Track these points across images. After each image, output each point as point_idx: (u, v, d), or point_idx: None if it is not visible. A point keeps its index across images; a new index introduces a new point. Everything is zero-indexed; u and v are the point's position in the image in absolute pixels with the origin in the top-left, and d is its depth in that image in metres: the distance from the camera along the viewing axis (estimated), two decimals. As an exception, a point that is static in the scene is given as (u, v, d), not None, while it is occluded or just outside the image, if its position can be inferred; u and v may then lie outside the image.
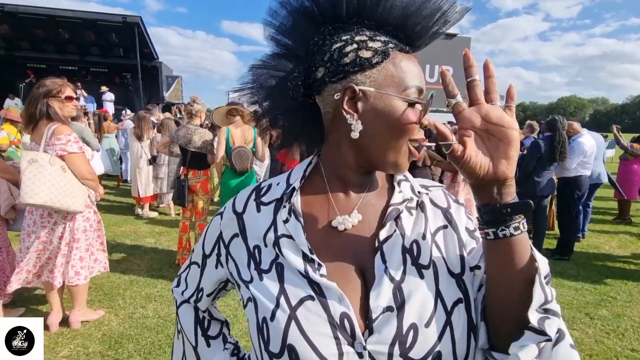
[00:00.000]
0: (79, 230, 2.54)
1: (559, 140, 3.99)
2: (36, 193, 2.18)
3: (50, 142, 2.32)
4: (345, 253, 0.60)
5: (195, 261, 0.75)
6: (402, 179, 0.67)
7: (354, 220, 0.61)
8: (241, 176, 3.59)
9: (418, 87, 0.57)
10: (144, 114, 5.64)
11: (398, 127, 0.56)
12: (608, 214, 7.11)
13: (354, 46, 0.56)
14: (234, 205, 0.68)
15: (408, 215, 0.62)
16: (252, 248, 0.63)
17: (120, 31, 12.93)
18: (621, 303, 3.42)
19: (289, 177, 0.66)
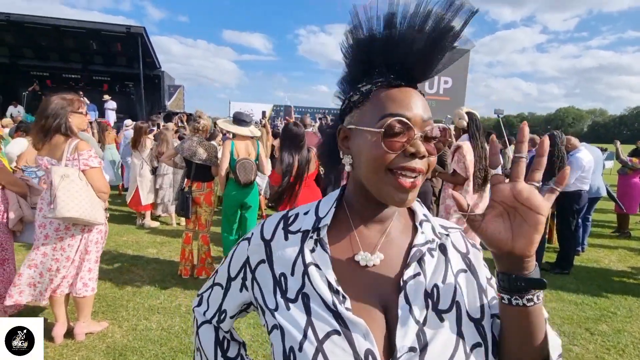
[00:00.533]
0: (92, 242, 2.58)
1: (558, 156, 4.05)
2: (72, 207, 2.27)
3: (72, 157, 2.39)
4: (368, 289, 0.61)
5: (219, 282, 0.77)
6: (423, 219, 0.69)
7: (376, 260, 0.62)
8: (244, 188, 3.64)
9: (398, 115, 0.55)
10: (140, 124, 5.72)
11: (370, 158, 0.57)
12: (607, 227, 7.15)
13: (352, 93, 0.64)
14: (262, 232, 0.70)
15: (430, 258, 0.64)
16: (278, 275, 0.65)
17: (123, 41, 13.11)
18: (621, 318, 3.44)
19: (317, 208, 0.68)
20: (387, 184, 0.57)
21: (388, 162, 0.56)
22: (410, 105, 0.57)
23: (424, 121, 0.57)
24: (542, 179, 2.25)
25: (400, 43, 0.58)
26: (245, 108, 16.59)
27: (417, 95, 0.59)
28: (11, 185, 2.63)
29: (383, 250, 0.64)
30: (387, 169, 0.56)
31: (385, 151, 0.55)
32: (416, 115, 0.57)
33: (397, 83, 0.59)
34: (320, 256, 0.62)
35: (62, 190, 2.27)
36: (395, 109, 0.56)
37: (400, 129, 0.55)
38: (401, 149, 0.56)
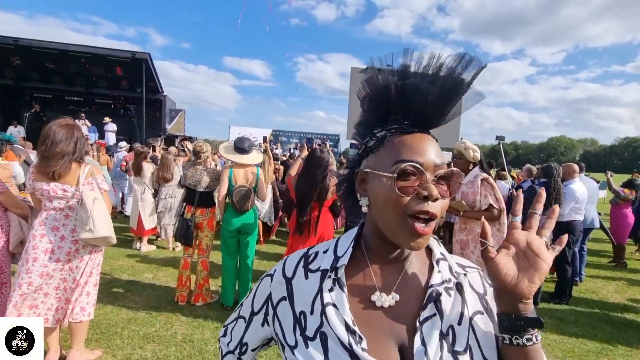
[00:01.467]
0: (96, 264, 2.60)
1: (554, 187, 4.14)
2: (106, 227, 2.42)
3: (87, 181, 2.47)
4: (384, 329, 0.62)
5: (243, 316, 0.80)
6: (440, 257, 0.70)
7: (391, 301, 0.64)
8: (242, 214, 3.66)
9: (411, 160, 0.59)
10: (141, 150, 5.78)
11: (385, 201, 0.60)
12: (604, 257, 7.17)
13: (368, 138, 0.68)
14: (284, 270, 0.73)
15: (447, 297, 0.65)
16: (298, 313, 0.67)
17: (128, 66, 13.43)
18: (622, 352, 3.41)
19: (336, 247, 0.71)
20: (402, 228, 0.59)
21: (403, 205, 0.59)
22: (423, 151, 0.60)
23: (436, 166, 0.60)
24: None
25: (415, 93, 0.63)
26: (244, 133, 16.83)
27: (430, 141, 0.62)
28: (15, 207, 2.64)
29: (399, 290, 0.66)
30: (402, 212, 0.59)
31: (399, 195, 0.59)
32: (428, 161, 0.60)
33: (411, 130, 0.63)
34: (337, 296, 0.64)
35: (96, 211, 2.38)
36: (408, 155, 0.60)
37: (413, 173, 0.59)
38: (414, 193, 0.59)
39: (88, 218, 2.34)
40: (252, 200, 3.59)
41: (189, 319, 3.48)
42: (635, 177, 7.89)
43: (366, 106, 0.69)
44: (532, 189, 4.32)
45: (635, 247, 7.80)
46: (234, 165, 3.69)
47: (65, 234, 2.43)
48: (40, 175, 2.40)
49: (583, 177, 5.01)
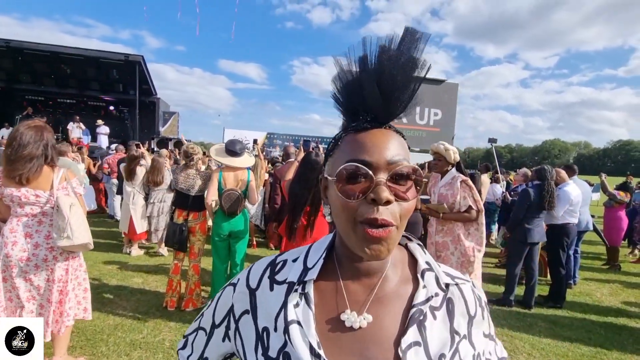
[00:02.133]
0: (79, 270, 2.53)
1: (548, 190, 4.12)
2: (84, 234, 2.35)
3: (61, 186, 2.36)
4: (354, 353, 0.55)
5: (203, 327, 0.73)
6: (425, 268, 0.63)
7: (363, 322, 0.56)
8: (232, 218, 3.60)
9: (357, 160, 0.52)
10: (135, 154, 5.69)
11: (335, 208, 0.55)
12: (597, 260, 7.18)
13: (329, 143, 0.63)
14: (248, 279, 0.66)
15: (432, 320, 0.57)
16: (261, 330, 0.60)
17: (121, 68, 13.34)
18: (616, 355, 3.38)
19: (306, 257, 0.64)
20: (356, 235, 0.53)
21: (353, 211, 0.52)
22: (374, 148, 0.53)
23: (390, 164, 0.52)
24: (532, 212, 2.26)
25: (366, 84, 0.55)
26: (239, 135, 16.74)
27: (386, 136, 0.55)
28: None
29: (373, 310, 0.58)
30: (355, 220, 0.52)
31: (344, 200, 0.52)
32: (379, 158, 0.52)
33: (364, 126, 0.56)
34: (303, 313, 0.57)
35: (73, 217, 2.29)
36: (356, 154, 0.53)
37: (360, 174, 0.52)
38: (362, 197, 0.52)
39: (66, 225, 2.24)
40: (241, 204, 3.52)
41: (178, 325, 3.40)
42: (629, 180, 7.95)
43: (339, 108, 0.62)
44: (526, 192, 4.30)
45: (628, 249, 7.83)
46: (224, 168, 3.63)
47: (39, 240, 2.32)
48: (8, 180, 2.25)
49: (577, 180, 5.01)
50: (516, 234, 4.33)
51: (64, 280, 2.46)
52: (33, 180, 2.27)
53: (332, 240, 0.66)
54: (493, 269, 6.01)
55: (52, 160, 2.35)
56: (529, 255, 4.34)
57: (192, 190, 3.67)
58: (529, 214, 4.20)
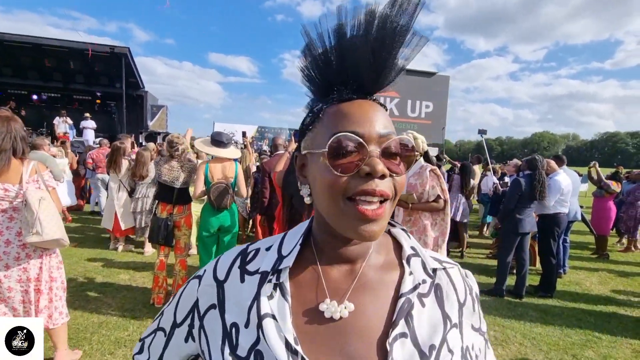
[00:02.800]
0: (54, 267, 2.43)
1: (539, 180, 4.10)
2: (56, 229, 2.23)
3: (32, 179, 2.25)
4: (334, 347, 0.50)
5: (162, 327, 0.65)
6: (411, 253, 0.59)
7: (344, 312, 0.52)
8: (220, 211, 3.50)
9: (348, 131, 0.48)
10: (119, 144, 5.50)
11: (321, 185, 0.50)
12: (586, 249, 7.26)
13: (305, 116, 0.57)
14: (215, 271, 0.59)
15: (420, 308, 0.54)
16: (229, 326, 0.54)
17: (107, 61, 12.99)
18: (606, 343, 3.40)
19: (281, 244, 0.59)
20: (347, 215, 0.48)
21: (343, 187, 0.47)
22: (363, 119, 0.49)
23: (382, 137, 0.49)
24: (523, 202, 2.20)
25: (348, 52, 0.51)
26: (229, 129, 16.52)
27: (373, 108, 0.51)
28: None
29: (355, 299, 0.53)
30: (344, 197, 0.48)
31: (335, 175, 0.47)
32: (371, 131, 0.48)
33: (349, 97, 0.52)
34: (278, 305, 0.52)
35: (43, 212, 2.17)
36: (345, 126, 0.49)
37: (352, 147, 0.48)
38: (354, 170, 0.47)
39: (35, 220, 2.13)
40: (230, 197, 3.42)
41: (165, 322, 3.31)
42: (619, 170, 8.04)
43: (308, 82, 0.57)
44: (517, 182, 4.28)
45: (616, 238, 7.93)
46: (210, 160, 3.53)
47: (10, 238, 2.20)
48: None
49: (566, 170, 5.01)
50: (507, 224, 4.32)
51: (48, 279, 2.37)
52: (1, 174, 2.15)
53: (309, 226, 0.61)
54: (485, 259, 6.03)
55: (23, 153, 2.24)
56: (519, 246, 4.33)
57: (177, 183, 3.54)
58: (520, 204, 4.19)
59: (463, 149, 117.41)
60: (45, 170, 2.33)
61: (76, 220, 7.17)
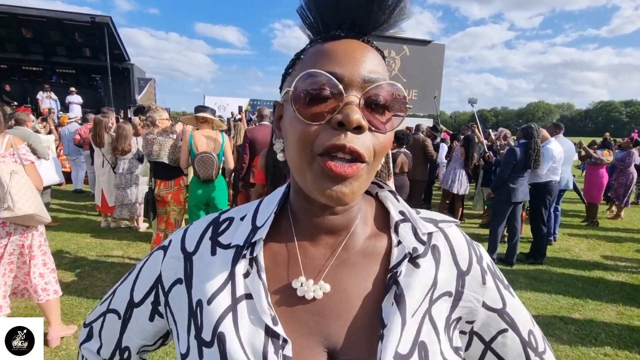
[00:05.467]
0: (35, 246, 2.39)
1: (534, 148, 4.06)
2: (29, 204, 2.14)
3: (8, 152, 2.20)
4: (316, 328, 0.45)
5: (114, 309, 0.57)
6: (400, 219, 0.51)
7: (318, 292, 0.46)
8: (208, 184, 3.41)
9: (324, 72, 0.40)
10: (101, 117, 5.29)
11: (291, 135, 0.43)
12: (577, 217, 7.38)
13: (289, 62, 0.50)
14: (183, 241, 0.53)
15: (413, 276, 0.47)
16: (194, 304, 0.48)
17: (88, 31, 12.40)
18: (592, 306, 3.50)
19: (255, 213, 0.52)
20: (312, 172, 0.41)
21: (312, 140, 0.40)
22: (346, 59, 0.41)
23: (366, 81, 0.41)
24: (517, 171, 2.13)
25: None
26: (221, 102, 16.15)
27: (360, 47, 0.43)
28: None
29: (334, 278, 0.47)
30: (312, 152, 0.41)
31: (303, 123, 0.40)
32: (353, 73, 0.40)
33: (337, 34, 0.44)
34: (254, 284, 0.46)
35: (15, 187, 2.11)
36: (322, 65, 0.41)
37: (325, 90, 0.40)
38: (326, 119, 0.40)
39: (5, 194, 2.07)
40: (217, 168, 3.33)
41: (160, 296, 3.33)
42: (607, 137, 8.05)
43: (304, 25, 0.48)
44: (512, 151, 4.24)
45: (606, 206, 8.06)
46: (194, 131, 3.41)
47: None
48: None
49: (560, 138, 4.97)
50: (500, 193, 4.32)
51: (29, 256, 2.35)
52: None
53: (286, 192, 0.54)
54: (477, 229, 6.10)
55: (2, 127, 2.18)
56: (511, 214, 4.36)
57: (151, 156, 3.46)
58: (513, 174, 4.17)
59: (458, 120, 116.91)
60: (22, 143, 2.28)
61: (66, 198, 7.08)
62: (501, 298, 0.53)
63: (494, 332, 0.53)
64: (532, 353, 0.55)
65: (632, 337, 2.99)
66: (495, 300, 0.53)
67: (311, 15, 0.46)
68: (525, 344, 0.55)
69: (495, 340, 0.54)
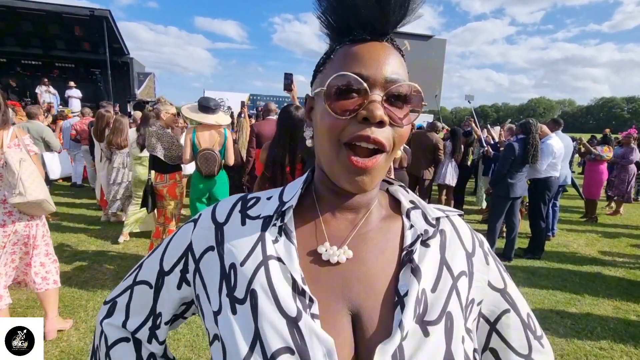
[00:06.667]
0: (39, 236, 2.42)
1: (532, 143, 4.06)
2: (39, 190, 2.20)
3: (13, 143, 2.24)
4: (338, 289, 0.50)
5: (144, 280, 0.61)
6: (410, 207, 0.58)
7: (342, 257, 0.51)
8: (210, 179, 3.43)
9: (352, 73, 0.46)
10: (104, 113, 5.29)
11: (320, 128, 0.49)
12: (575, 213, 7.40)
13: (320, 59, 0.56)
14: (214, 213, 0.58)
15: (422, 255, 0.53)
16: (227, 267, 0.52)
17: (87, 25, 12.33)
18: (590, 301, 3.53)
19: (282, 193, 0.58)
20: (339, 162, 0.48)
21: (340, 131, 0.47)
22: (371, 61, 0.47)
23: (388, 81, 0.46)
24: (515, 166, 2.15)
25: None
26: (220, 97, 16.09)
27: (384, 50, 0.48)
28: None
29: (355, 247, 0.53)
30: (339, 142, 0.47)
31: (333, 117, 0.46)
32: (377, 74, 0.46)
33: (362, 37, 0.49)
34: (285, 247, 0.51)
35: (24, 173, 2.17)
36: (351, 67, 0.47)
37: (353, 89, 0.46)
38: (352, 114, 0.46)
39: (17, 181, 2.12)
40: (219, 164, 3.35)
41: (160, 289, 3.36)
42: (607, 134, 8.03)
43: (324, 27, 0.53)
44: (510, 146, 4.24)
45: (605, 202, 8.07)
46: (197, 126, 3.42)
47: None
48: None
49: (560, 134, 4.97)
50: (499, 188, 4.33)
51: (32, 246, 2.38)
52: None
53: (310, 176, 0.60)
54: (477, 224, 6.13)
55: (5, 121, 2.23)
56: (510, 210, 4.38)
57: (148, 149, 3.48)
58: (512, 169, 4.18)
59: (459, 116, 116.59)
60: (25, 135, 2.33)
61: (65, 192, 7.10)
62: (502, 279, 0.59)
63: (498, 312, 0.58)
64: (532, 335, 0.60)
65: (628, 331, 3.02)
66: (497, 280, 0.58)
67: (332, 19, 0.51)
68: (526, 326, 0.59)
69: (499, 321, 0.58)
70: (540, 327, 0.63)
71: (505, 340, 0.58)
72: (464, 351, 0.48)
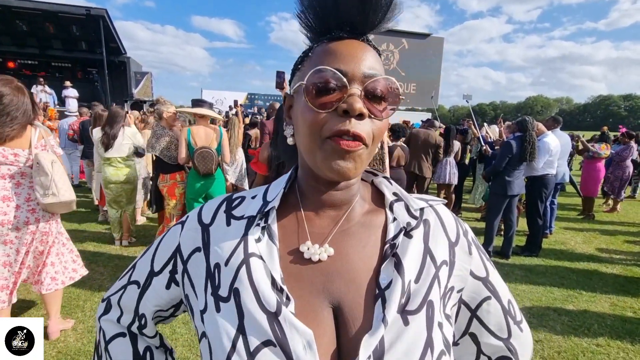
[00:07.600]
0: (53, 233, 2.44)
1: (529, 141, 4.07)
2: (70, 191, 2.30)
3: (40, 144, 2.28)
4: (319, 285, 0.51)
5: (135, 281, 0.63)
6: (393, 199, 0.58)
7: (323, 255, 0.52)
8: (207, 178, 3.44)
9: (331, 68, 0.47)
10: (101, 112, 5.26)
11: (301, 124, 0.50)
12: (573, 210, 7.43)
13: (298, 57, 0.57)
14: (200, 215, 0.59)
15: (405, 248, 0.53)
16: (212, 267, 0.53)
17: (84, 24, 12.28)
18: (587, 298, 3.54)
19: (266, 192, 0.59)
20: (324, 151, 0.48)
21: (321, 125, 0.47)
22: (349, 57, 0.48)
23: (366, 76, 0.48)
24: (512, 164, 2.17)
25: None
26: (218, 96, 16.08)
27: (360, 47, 0.50)
28: None
29: (336, 244, 0.54)
30: (322, 137, 0.48)
31: (314, 111, 0.47)
32: (355, 69, 0.47)
33: (339, 35, 0.50)
34: (267, 247, 0.53)
35: (57, 174, 2.24)
36: (329, 62, 0.48)
37: (332, 84, 0.47)
38: (332, 108, 0.47)
39: (50, 182, 2.19)
40: (216, 163, 3.35)
41: (158, 288, 3.36)
42: (604, 131, 8.06)
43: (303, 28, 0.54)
44: (508, 144, 4.25)
45: (603, 200, 8.10)
46: (192, 126, 3.42)
47: (19, 203, 2.23)
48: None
49: (557, 132, 4.98)
50: (496, 186, 4.34)
51: (48, 244, 2.41)
52: (13, 140, 2.18)
53: (293, 174, 0.61)
54: (475, 222, 6.14)
55: (33, 119, 2.27)
56: (507, 207, 4.39)
57: (148, 149, 3.51)
58: (509, 166, 4.19)
59: (457, 114, 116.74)
60: (50, 135, 2.38)
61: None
62: (484, 267, 0.60)
63: (479, 299, 0.59)
64: (512, 321, 0.62)
65: (625, 328, 3.03)
66: (479, 268, 0.59)
67: (311, 19, 0.52)
68: (506, 312, 0.61)
69: (480, 308, 0.59)
70: (520, 312, 0.65)
71: (485, 326, 0.60)
72: (443, 335, 0.50)
